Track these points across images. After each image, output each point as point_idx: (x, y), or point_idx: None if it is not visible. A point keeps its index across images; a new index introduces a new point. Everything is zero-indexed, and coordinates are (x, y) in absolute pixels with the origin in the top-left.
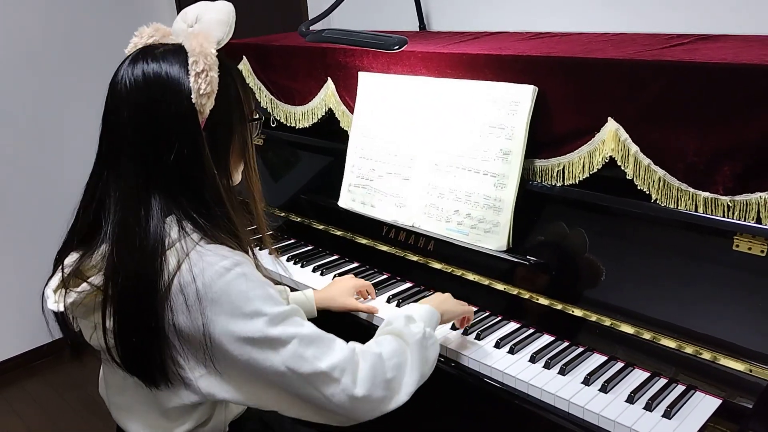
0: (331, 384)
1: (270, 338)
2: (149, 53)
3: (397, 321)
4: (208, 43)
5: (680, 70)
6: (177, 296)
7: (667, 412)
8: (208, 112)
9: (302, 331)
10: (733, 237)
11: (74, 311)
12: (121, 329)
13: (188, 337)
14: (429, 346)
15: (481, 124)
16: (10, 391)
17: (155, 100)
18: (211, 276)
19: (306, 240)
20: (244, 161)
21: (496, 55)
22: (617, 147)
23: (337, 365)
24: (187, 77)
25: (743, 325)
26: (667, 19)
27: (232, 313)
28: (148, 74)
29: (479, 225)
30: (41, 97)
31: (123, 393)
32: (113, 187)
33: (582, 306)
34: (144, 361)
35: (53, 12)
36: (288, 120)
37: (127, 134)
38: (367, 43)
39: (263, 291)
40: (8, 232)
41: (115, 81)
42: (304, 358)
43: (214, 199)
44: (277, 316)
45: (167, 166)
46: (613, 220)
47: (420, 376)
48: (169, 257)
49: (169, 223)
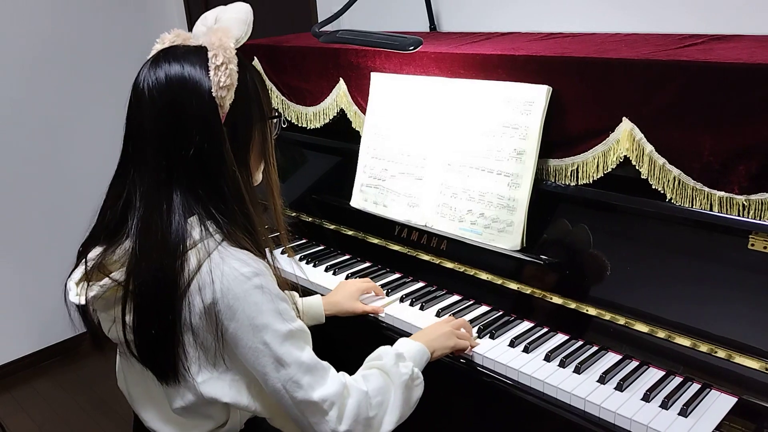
0: (318, 414)
1: (274, 354)
2: (170, 54)
3: (387, 357)
4: (226, 38)
5: (695, 70)
6: (195, 296)
7: (683, 411)
8: (228, 106)
9: (303, 357)
10: (749, 236)
11: (95, 304)
12: (139, 323)
13: (202, 336)
14: (414, 387)
15: (495, 123)
16: (21, 391)
17: (177, 97)
18: (230, 281)
19: (317, 240)
20: (264, 159)
21: (510, 56)
22: (632, 146)
23: (328, 398)
24: (207, 73)
25: (758, 324)
26: (679, 19)
27: (243, 322)
28: (169, 73)
29: (493, 224)
30: (50, 101)
31: (139, 385)
32: (139, 183)
33: (595, 305)
34: (158, 356)
35: (64, 16)
36: (299, 120)
37: (151, 132)
38: (382, 43)
39: (276, 306)
40: (17, 232)
41: (137, 82)
42: (299, 384)
43: (234, 194)
44: (284, 335)
45: (188, 160)
46: (627, 219)
47: (399, 417)
48: (191, 257)
49: (191, 222)
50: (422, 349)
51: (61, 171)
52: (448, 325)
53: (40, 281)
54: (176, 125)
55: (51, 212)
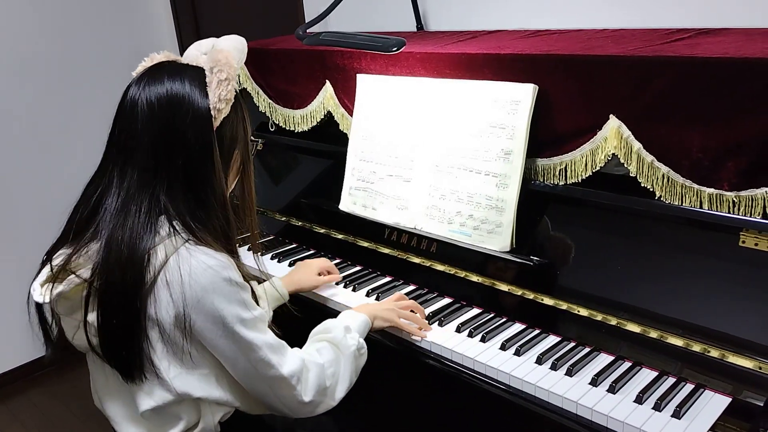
0: (287, 389)
1: (244, 340)
2: (172, 64)
3: (336, 330)
4: (231, 58)
5: (682, 66)
6: (162, 290)
7: (677, 412)
8: (221, 120)
9: (268, 338)
10: (740, 233)
11: (58, 305)
12: (103, 320)
13: (169, 330)
14: (360, 357)
15: (482, 124)
16: (15, 402)
17: (177, 110)
18: (198, 275)
19: (307, 244)
20: (244, 176)
21: (496, 54)
22: (620, 144)
23: (294, 373)
24: (204, 90)
25: (751, 322)
26: (667, 13)
27: (213, 313)
28: (170, 87)
29: (482, 226)
30: (40, 105)
31: (108, 395)
32: (118, 183)
33: (587, 305)
34: (123, 352)
35: (52, 24)
36: (287, 124)
37: (145, 140)
38: (364, 45)
39: (242, 296)
40: (10, 241)
41: (132, 92)
42: (270, 364)
43: (220, 202)
44: (250, 321)
45: (179, 167)
46: (617, 218)
47: (349, 384)
48: (158, 251)
49: (161, 221)
50: (366, 320)
51: (57, 180)
52: (389, 301)
53: None
54: (173, 138)
55: (46, 221)
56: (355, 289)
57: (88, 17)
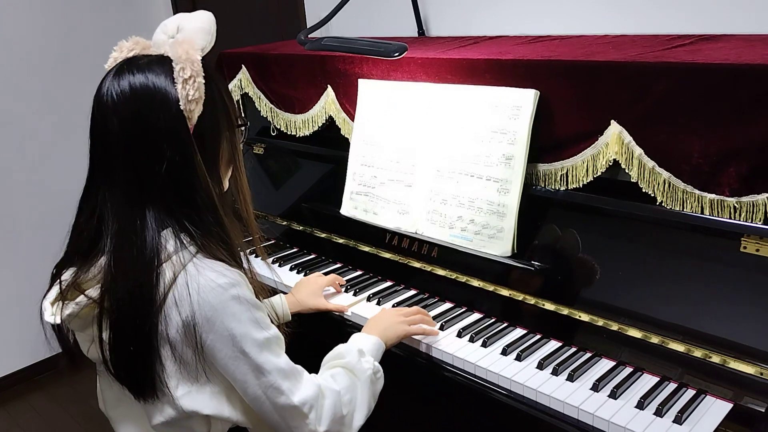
0: (298, 418)
1: (254, 363)
2: (133, 65)
3: (349, 355)
4: (193, 51)
5: (683, 72)
6: (171, 309)
7: (678, 418)
8: (196, 118)
9: (281, 363)
10: (741, 239)
11: (71, 324)
12: (116, 340)
13: (180, 350)
14: (377, 381)
15: (483, 129)
16: (14, 406)
17: (144, 111)
18: (207, 293)
19: (308, 249)
20: (233, 167)
21: (497, 60)
22: (621, 150)
23: (307, 401)
24: (173, 85)
25: (752, 328)
26: (668, 19)
27: (221, 333)
28: (134, 86)
29: (483, 231)
30: (39, 108)
31: (118, 407)
32: (110, 200)
33: (588, 310)
34: (135, 372)
35: (49, 23)
36: (288, 128)
37: (118, 147)
38: (366, 50)
39: (253, 315)
40: (8, 246)
41: (100, 95)
42: (280, 390)
43: (207, 205)
44: (262, 342)
45: (160, 175)
46: (618, 223)
47: (368, 411)
48: (166, 270)
49: (165, 235)
50: (378, 342)
51: (52, 183)
52: (396, 315)
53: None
54: (144, 140)
55: (43, 224)
56: (356, 294)
57: (87, 18)
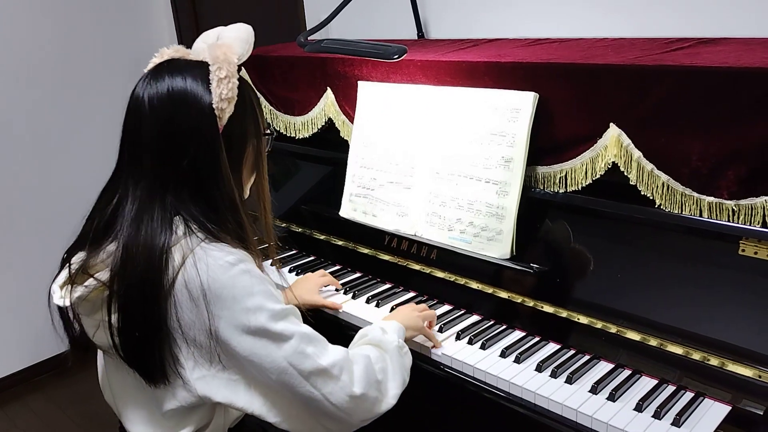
0: (330, 381)
1: (273, 332)
2: (173, 66)
3: (373, 332)
4: (231, 53)
5: (682, 75)
6: (182, 291)
7: (676, 420)
8: (227, 118)
9: (302, 329)
10: (739, 242)
11: (79, 307)
12: (124, 324)
13: (192, 333)
14: (404, 355)
15: (482, 131)
16: (13, 407)
17: (178, 108)
18: (216, 271)
19: (307, 250)
20: (256, 173)
21: (496, 63)
22: (620, 152)
23: (336, 363)
24: (208, 87)
25: (751, 331)
26: (667, 23)
27: (235, 308)
28: (171, 85)
29: (482, 233)
30: (40, 110)
31: (125, 395)
32: (132, 189)
33: (587, 313)
34: (145, 357)
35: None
36: (288, 130)
37: (150, 141)
38: (366, 52)
39: (265, 287)
40: (9, 246)
41: (137, 92)
42: (305, 354)
43: (228, 204)
44: (279, 313)
45: (185, 169)
46: (617, 226)
47: (402, 381)
48: (174, 253)
49: (176, 222)
50: (400, 326)
51: (53, 183)
52: (412, 309)
53: (32, 296)
54: (175, 136)
55: (43, 225)
56: (354, 296)
57: (87, 19)
